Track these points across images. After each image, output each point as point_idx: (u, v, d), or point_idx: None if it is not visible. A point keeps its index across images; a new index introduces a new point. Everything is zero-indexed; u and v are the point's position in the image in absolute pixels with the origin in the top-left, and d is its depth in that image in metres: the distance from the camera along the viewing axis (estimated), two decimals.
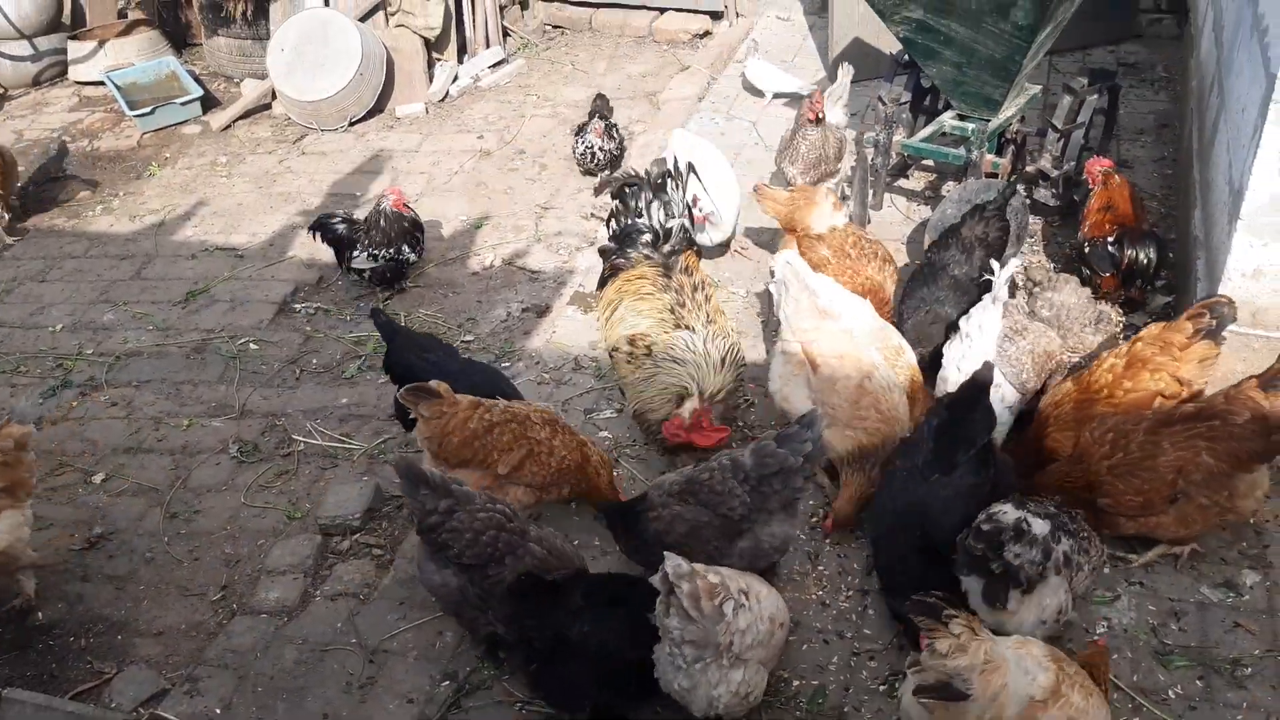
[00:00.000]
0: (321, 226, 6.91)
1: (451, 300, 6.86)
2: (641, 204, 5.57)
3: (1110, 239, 5.47)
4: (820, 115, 6.64)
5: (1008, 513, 3.84)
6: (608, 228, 5.91)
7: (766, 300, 6.34)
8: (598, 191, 6.19)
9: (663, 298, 5.04)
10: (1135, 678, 3.98)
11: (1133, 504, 4.27)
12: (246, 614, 4.67)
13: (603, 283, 5.22)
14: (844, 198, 6.80)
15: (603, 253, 5.49)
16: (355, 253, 6.78)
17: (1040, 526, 3.79)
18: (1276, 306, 4.76)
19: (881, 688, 4.03)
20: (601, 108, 8.09)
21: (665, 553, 3.59)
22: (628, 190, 5.79)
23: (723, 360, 4.99)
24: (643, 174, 5.93)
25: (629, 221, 5.45)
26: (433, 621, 4.46)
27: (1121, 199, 5.66)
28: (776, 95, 8.59)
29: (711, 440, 4.89)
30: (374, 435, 5.73)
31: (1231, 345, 4.80)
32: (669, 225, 5.62)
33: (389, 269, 6.81)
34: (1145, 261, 5.40)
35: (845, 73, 7.54)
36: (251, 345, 6.54)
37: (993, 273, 4.88)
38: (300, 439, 5.73)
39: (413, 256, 6.89)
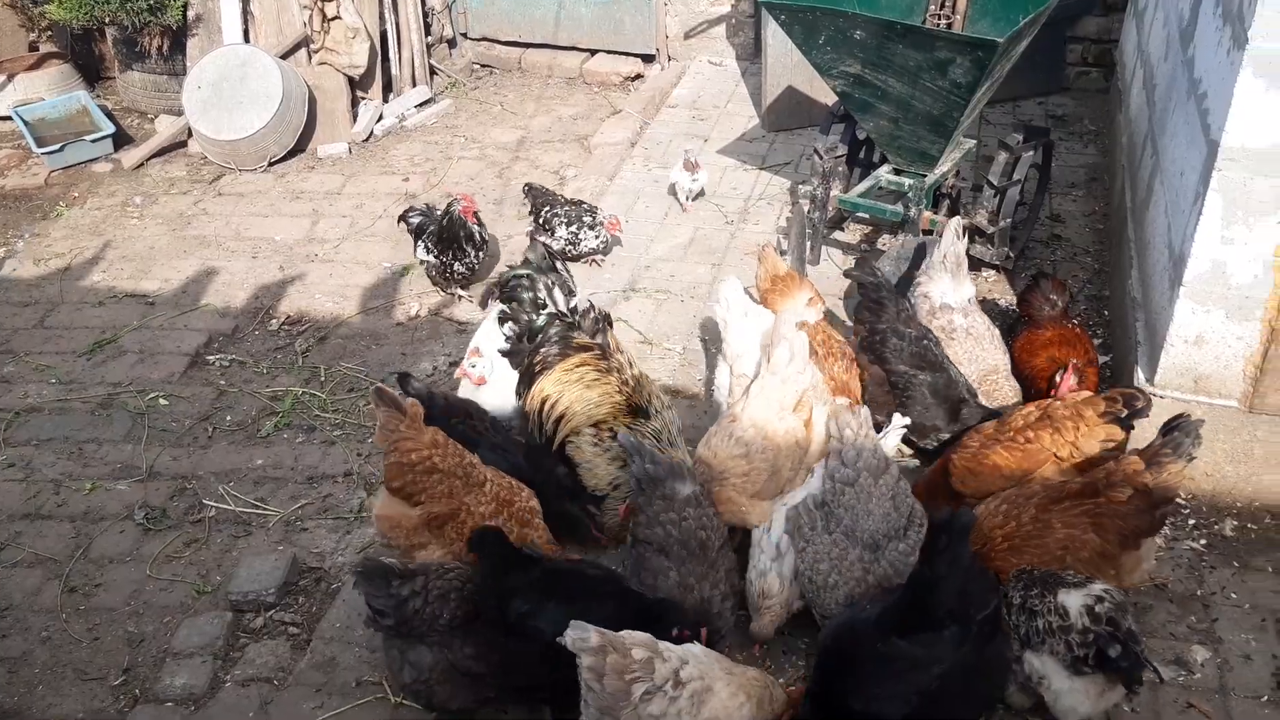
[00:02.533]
0: (404, 217, 7.12)
1: (375, 352, 6.59)
2: (541, 294, 5.22)
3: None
4: None
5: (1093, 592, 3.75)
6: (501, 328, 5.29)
7: (702, 355, 6.20)
8: (483, 304, 5.76)
9: (610, 380, 4.85)
10: None
11: None
12: (150, 701, 4.34)
13: (528, 381, 4.92)
14: (781, 251, 6.69)
15: (511, 355, 5.14)
16: (419, 242, 6.88)
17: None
18: (1218, 374, 4.72)
19: None
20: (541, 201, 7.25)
21: (573, 622, 3.42)
22: (519, 286, 5.24)
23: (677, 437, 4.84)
24: (524, 264, 5.52)
25: (529, 317, 5.09)
26: (353, 710, 4.17)
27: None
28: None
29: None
30: (291, 500, 5.43)
31: (1174, 411, 4.70)
32: (573, 304, 5.37)
33: (436, 270, 6.87)
34: None
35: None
36: (161, 400, 6.19)
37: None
38: (211, 504, 5.41)
39: (459, 268, 6.82)
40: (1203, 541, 4.78)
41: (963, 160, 6.63)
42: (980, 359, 5.36)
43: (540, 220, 7.09)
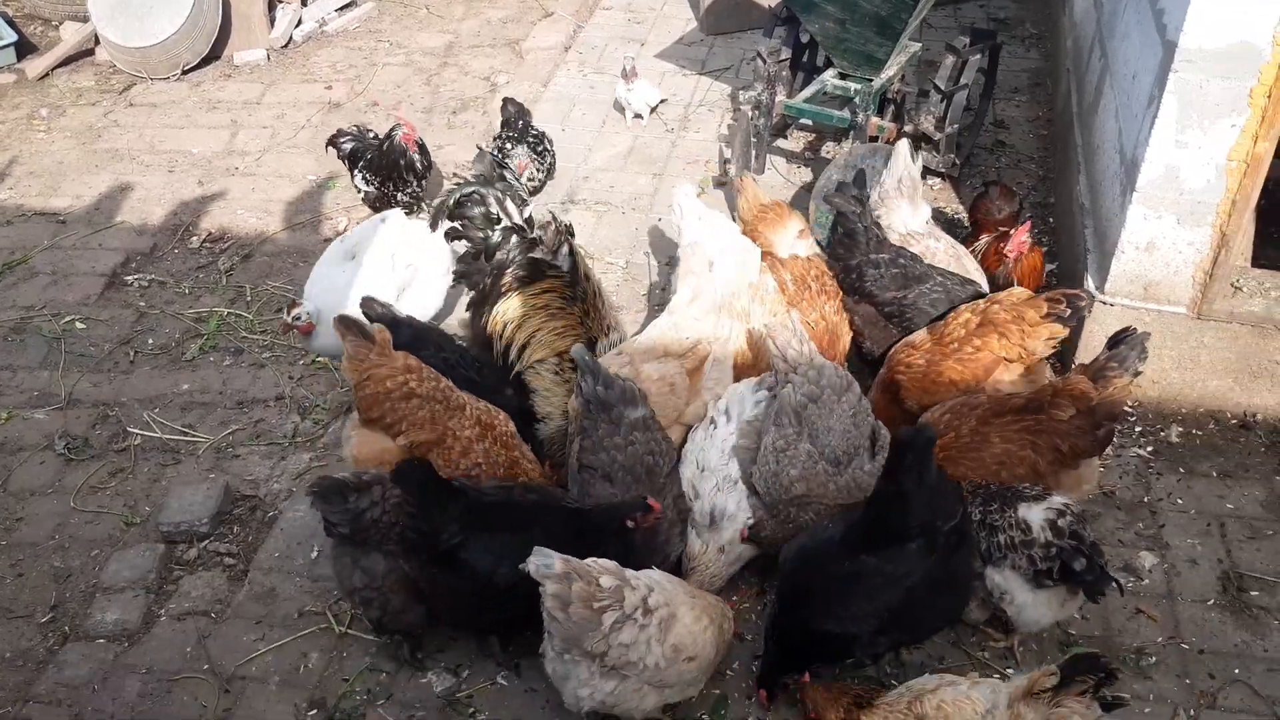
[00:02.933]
0: (333, 142, 6.61)
1: (302, 270, 6.27)
2: (493, 207, 4.92)
3: None
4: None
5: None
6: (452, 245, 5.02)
7: (647, 270, 6.04)
8: (433, 225, 5.21)
9: (575, 310, 4.68)
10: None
11: None
12: (80, 639, 4.17)
13: (489, 302, 4.68)
14: (725, 160, 6.51)
15: (466, 276, 4.90)
16: (355, 171, 6.46)
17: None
18: (1168, 280, 4.68)
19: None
20: (514, 114, 6.66)
21: (536, 548, 3.30)
22: (469, 202, 4.89)
23: None
24: (471, 177, 5.15)
25: (483, 234, 4.80)
26: (296, 642, 4.05)
27: (1031, 269, 5.26)
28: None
29: None
30: (220, 426, 5.21)
31: (1123, 319, 4.70)
32: (526, 215, 5.07)
33: (377, 201, 6.43)
34: None
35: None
36: (78, 324, 5.88)
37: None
38: (136, 431, 5.17)
39: (402, 198, 6.39)
40: (1149, 448, 4.79)
41: (908, 65, 6.46)
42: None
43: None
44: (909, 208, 5.27)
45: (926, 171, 6.43)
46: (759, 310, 4.79)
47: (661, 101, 7.44)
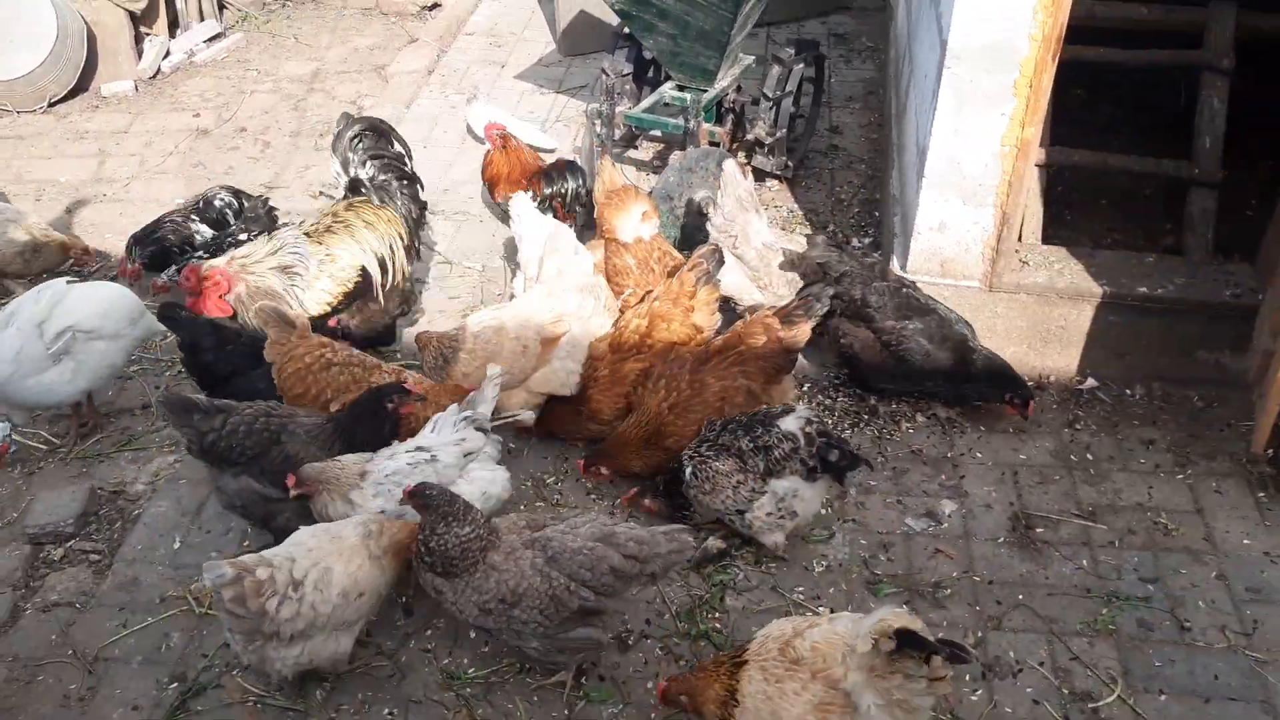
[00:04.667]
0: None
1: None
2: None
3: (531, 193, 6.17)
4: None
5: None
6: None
7: (502, 273, 6.38)
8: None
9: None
10: (850, 608, 4.26)
11: (693, 434, 4.61)
12: None
13: None
14: None
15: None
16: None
17: None
18: (960, 258, 5.18)
19: (615, 641, 4.16)
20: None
21: (206, 563, 3.64)
22: None
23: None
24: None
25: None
26: (158, 624, 4.27)
27: (519, 157, 6.52)
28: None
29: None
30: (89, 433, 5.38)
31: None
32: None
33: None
34: (573, 185, 6.43)
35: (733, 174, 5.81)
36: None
37: None
38: (18, 440, 5.28)
39: None
40: (956, 410, 5.26)
41: (743, 76, 6.94)
42: None
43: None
44: (757, 220, 5.67)
45: (763, 174, 6.92)
46: (592, 302, 5.20)
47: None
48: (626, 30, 6.85)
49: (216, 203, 6.46)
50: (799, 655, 3.41)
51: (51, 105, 8.48)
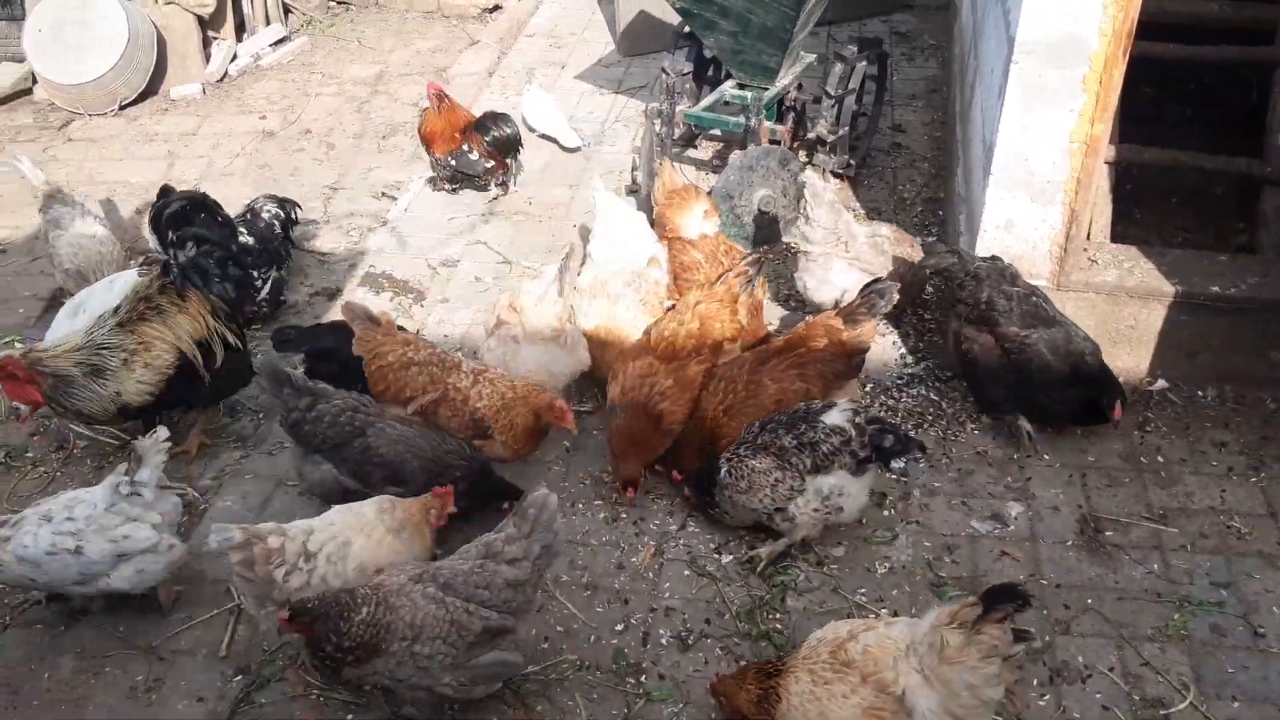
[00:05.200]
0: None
1: None
2: None
3: (466, 145, 6.91)
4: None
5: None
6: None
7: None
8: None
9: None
10: (913, 611, 4.20)
11: None
12: (18, 626, 4.40)
13: None
14: (634, 169, 6.89)
15: None
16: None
17: None
18: (1028, 255, 5.09)
19: (676, 640, 4.14)
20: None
21: (215, 525, 3.83)
22: None
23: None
24: None
25: None
26: (222, 616, 4.32)
27: (452, 116, 6.99)
28: (544, 137, 7.80)
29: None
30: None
31: None
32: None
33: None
34: (509, 131, 6.97)
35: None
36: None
37: None
38: (77, 431, 5.37)
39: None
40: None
41: (804, 75, 6.89)
42: None
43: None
44: (847, 216, 5.61)
45: (825, 173, 6.85)
46: (630, 295, 5.30)
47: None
48: (687, 29, 6.83)
49: (265, 215, 6.35)
50: (850, 658, 3.40)
51: (122, 108, 8.67)
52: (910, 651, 3.31)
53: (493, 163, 7.05)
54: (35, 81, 8.82)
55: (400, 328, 5.07)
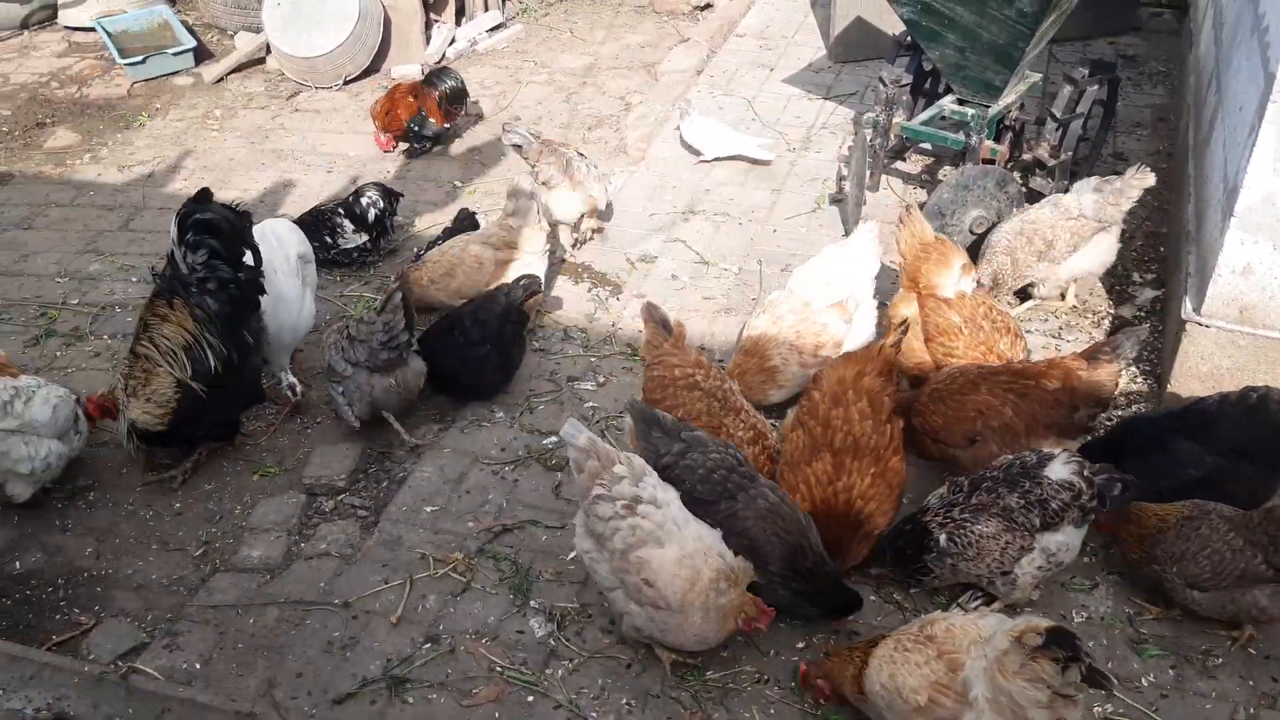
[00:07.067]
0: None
1: None
2: None
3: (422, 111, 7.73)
4: None
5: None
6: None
7: (758, 276, 6.36)
8: None
9: None
10: (1110, 665, 4.02)
11: (935, 425, 4.63)
12: (229, 570, 4.66)
13: None
14: (841, 179, 6.80)
15: None
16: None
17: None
18: (1264, 304, 4.78)
19: None
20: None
21: (572, 419, 3.97)
22: None
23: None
24: None
25: None
26: (417, 584, 4.48)
27: (394, 90, 7.80)
28: (718, 159, 7.57)
29: None
30: None
31: (1218, 341, 4.86)
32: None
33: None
34: (452, 85, 7.86)
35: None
36: None
37: None
38: (291, 381, 5.64)
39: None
40: None
41: (1027, 94, 6.66)
42: None
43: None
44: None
45: (1038, 198, 6.61)
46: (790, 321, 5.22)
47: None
48: (909, 39, 6.69)
49: (364, 201, 6.70)
50: (933, 634, 3.54)
51: (346, 83, 9.05)
52: (987, 643, 3.37)
53: (447, 125, 7.95)
54: (268, 51, 9.29)
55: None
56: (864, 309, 5.28)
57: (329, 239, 6.58)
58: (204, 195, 4.92)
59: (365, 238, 6.68)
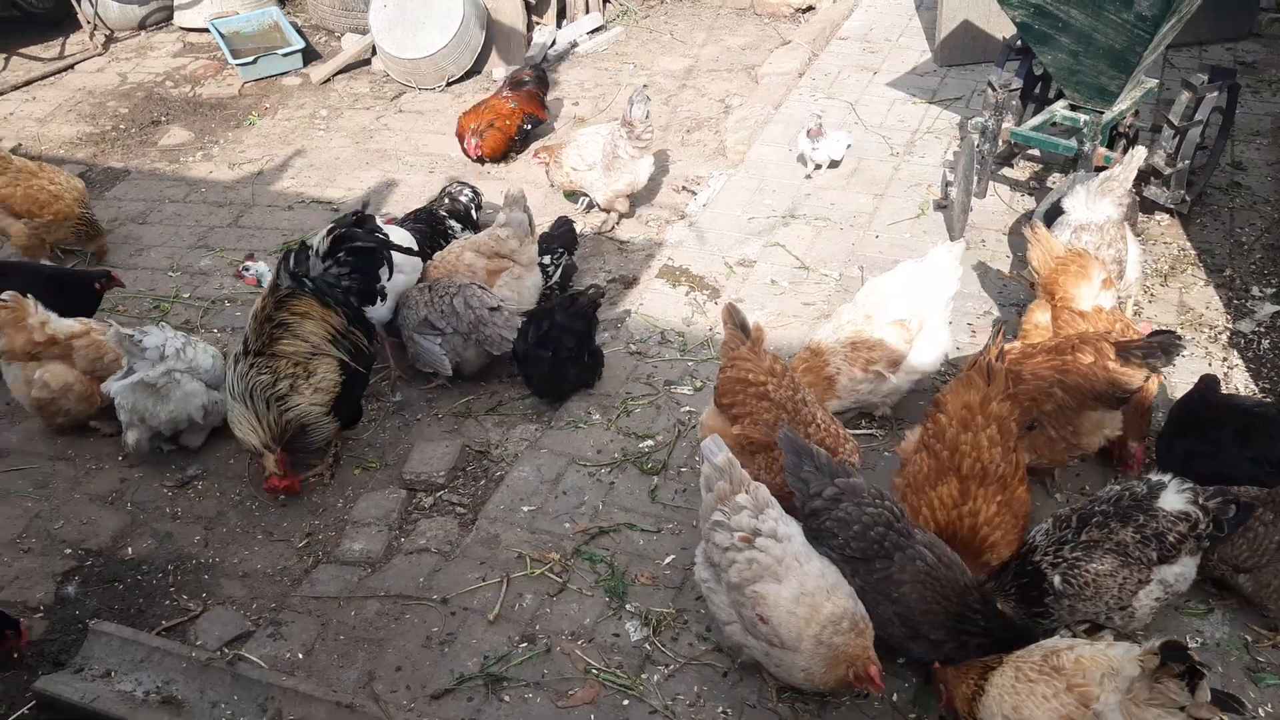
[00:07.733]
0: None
1: None
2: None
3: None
4: None
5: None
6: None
7: (859, 282, 6.26)
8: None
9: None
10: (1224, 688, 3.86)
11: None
12: (331, 563, 4.73)
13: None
14: (946, 184, 6.67)
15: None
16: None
17: None
18: None
19: None
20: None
21: (713, 438, 3.99)
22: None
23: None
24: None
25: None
26: (514, 583, 4.49)
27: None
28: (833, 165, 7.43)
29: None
30: (459, 395, 5.76)
31: None
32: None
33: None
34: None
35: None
36: None
37: None
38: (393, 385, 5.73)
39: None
40: None
41: (1142, 100, 6.46)
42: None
43: None
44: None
45: (1155, 207, 6.42)
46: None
47: (848, 147, 7.36)
48: (1019, 43, 6.54)
49: (462, 199, 6.91)
50: (1060, 664, 3.42)
51: (449, 85, 9.16)
52: (1118, 674, 3.28)
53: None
54: (374, 53, 9.46)
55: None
56: (931, 329, 5.10)
57: (441, 242, 6.66)
58: (363, 220, 5.27)
59: (468, 234, 6.75)
